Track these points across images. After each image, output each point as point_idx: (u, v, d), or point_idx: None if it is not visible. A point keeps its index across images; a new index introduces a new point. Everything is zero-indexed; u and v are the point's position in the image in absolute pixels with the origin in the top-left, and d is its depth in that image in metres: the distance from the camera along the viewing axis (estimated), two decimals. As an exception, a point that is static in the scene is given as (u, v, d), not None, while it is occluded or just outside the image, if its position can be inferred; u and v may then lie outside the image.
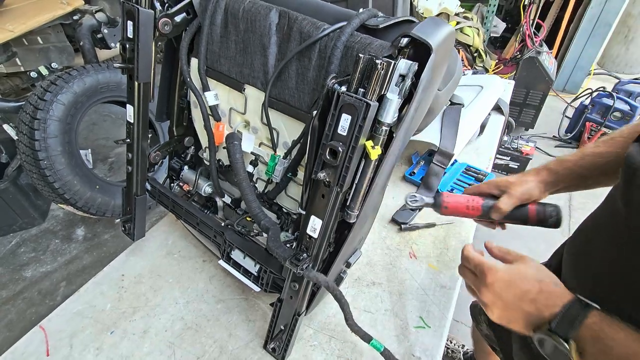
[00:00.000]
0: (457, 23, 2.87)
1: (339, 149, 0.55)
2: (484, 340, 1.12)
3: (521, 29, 2.95)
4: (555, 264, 0.78)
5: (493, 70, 3.13)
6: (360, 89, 0.54)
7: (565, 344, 0.47)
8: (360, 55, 0.52)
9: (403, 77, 0.54)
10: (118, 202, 1.90)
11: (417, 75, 0.55)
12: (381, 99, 0.54)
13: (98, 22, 2.19)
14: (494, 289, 0.55)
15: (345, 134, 0.55)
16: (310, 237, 0.66)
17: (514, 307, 0.54)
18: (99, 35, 2.21)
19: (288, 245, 0.80)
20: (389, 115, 0.55)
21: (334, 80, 0.58)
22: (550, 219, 0.72)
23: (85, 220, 2.24)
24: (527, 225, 0.75)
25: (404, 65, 0.53)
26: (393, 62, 0.52)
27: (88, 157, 2.27)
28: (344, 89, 0.55)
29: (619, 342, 0.43)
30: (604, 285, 0.56)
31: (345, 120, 0.54)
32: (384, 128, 0.56)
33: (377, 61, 0.51)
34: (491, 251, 0.65)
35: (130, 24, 0.75)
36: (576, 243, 0.68)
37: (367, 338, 0.73)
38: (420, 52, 0.56)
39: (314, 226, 0.64)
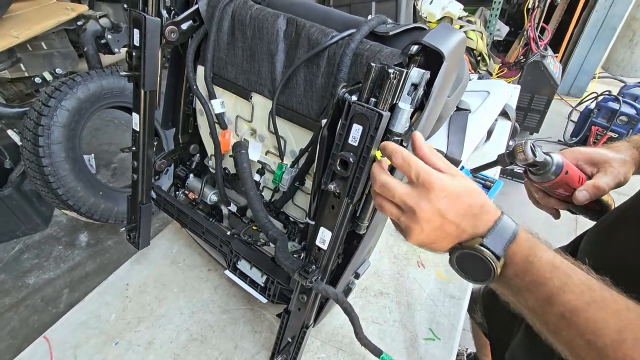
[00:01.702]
0: (461, 27, 2.86)
1: (350, 159, 0.54)
2: (479, 328, 1.10)
3: (525, 33, 2.93)
4: (571, 249, 0.76)
5: (497, 74, 3.11)
6: (371, 99, 0.53)
7: (495, 259, 0.45)
8: (372, 64, 0.51)
9: (415, 86, 0.53)
10: (121, 208, 1.89)
11: (429, 83, 0.54)
12: (392, 108, 0.53)
13: (102, 28, 2.20)
14: (439, 203, 0.46)
15: (356, 144, 0.53)
16: (320, 248, 0.64)
17: (452, 224, 0.47)
18: (103, 41, 2.22)
19: (295, 255, 0.78)
20: (401, 125, 0.53)
21: (344, 90, 0.56)
22: None
23: (88, 226, 2.23)
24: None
25: (416, 74, 0.52)
26: (406, 71, 0.51)
27: (91, 163, 2.27)
28: (354, 98, 0.54)
29: (542, 260, 0.44)
30: (623, 267, 0.53)
31: (356, 130, 0.53)
32: (395, 138, 0.54)
33: (390, 70, 0.50)
34: (420, 149, 0.51)
35: (136, 32, 0.74)
36: (601, 223, 0.65)
37: (377, 352, 0.71)
38: (431, 59, 0.55)
39: (324, 238, 0.63)
